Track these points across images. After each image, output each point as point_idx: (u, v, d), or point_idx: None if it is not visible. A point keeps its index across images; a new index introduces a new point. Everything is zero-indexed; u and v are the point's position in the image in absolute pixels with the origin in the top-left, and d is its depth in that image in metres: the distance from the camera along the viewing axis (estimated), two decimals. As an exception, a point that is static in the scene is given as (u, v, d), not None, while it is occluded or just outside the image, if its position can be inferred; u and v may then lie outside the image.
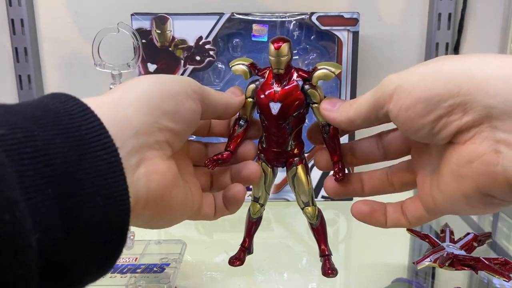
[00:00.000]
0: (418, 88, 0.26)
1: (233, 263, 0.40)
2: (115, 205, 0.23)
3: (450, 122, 0.26)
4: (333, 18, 0.65)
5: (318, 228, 0.39)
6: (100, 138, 0.23)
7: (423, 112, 0.26)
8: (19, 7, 0.74)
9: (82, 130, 0.23)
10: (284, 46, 0.33)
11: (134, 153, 0.25)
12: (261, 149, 0.37)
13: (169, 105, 0.28)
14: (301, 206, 0.38)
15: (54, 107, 0.23)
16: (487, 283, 0.47)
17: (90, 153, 0.22)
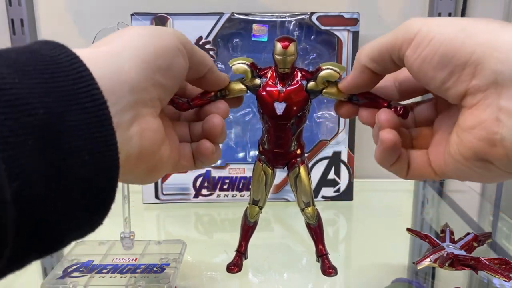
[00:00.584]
0: (437, 39, 0.26)
1: (231, 270, 0.40)
2: (102, 160, 0.22)
3: (460, 82, 0.26)
4: (333, 18, 0.65)
5: (316, 228, 0.39)
6: (88, 89, 0.22)
7: (437, 65, 0.26)
8: (19, 7, 0.74)
9: (69, 80, 0.21)
10: (292, 45, 0.33)
11: (128, 109, 0.25)
12: (262, 151, 0.37)
13: (163, 61, 0.27)
14: (302, 206, 0.38)
15: (41, 54, 0.22)
16: (487, 283, 0.47)
17: (77, 104, 0.21)
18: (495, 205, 0.76)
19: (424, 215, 0.70)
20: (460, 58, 0.25)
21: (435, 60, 0.26)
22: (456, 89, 0.26)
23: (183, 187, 0.67)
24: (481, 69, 0.25)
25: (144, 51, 0.27)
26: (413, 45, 0.27)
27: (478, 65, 0.25)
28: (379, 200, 0.75)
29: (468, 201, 0.74)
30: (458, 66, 0.25)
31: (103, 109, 0.22)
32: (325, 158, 0.68)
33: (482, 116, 0.25)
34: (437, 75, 0.27)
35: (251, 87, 0.35)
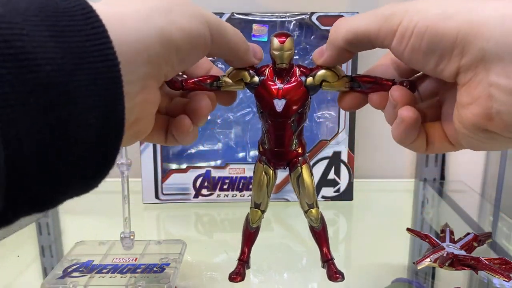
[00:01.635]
0: (421, 26, 0.26)
1: (234, 279, 0.39)
2: (108, 125, 0.21)
3: (451, 63, 0.26)
4: (333, 18, 0.65)
5: (320, 232, 0.38)
6: (101, 47, 0.20)
7: (426, 51, 0.26)
8: None
9: (82, 35, 0.20)
10: (288, 40, 0.32)
11: (140, 79, 0.24)
12: (262, 151, 0.37)
13: (186, 46, 0.26)
14: (305, 208, 0.37)
15: (54, 5, 0.20)
16: (487, 283, 0.47)
17: (88, 63, 0.20)
18: (495, 205, 0.76)
19: (424, 215, 0.70)
20: (447, 41, 0.25)
21: (423, 47, 0.26)
22: (448, 70, 0.26)
23: (183, 187, 0.67)
24: (468, 48, 0.25)
25: (172, 29, 0.25)
26: (398, 36, 0.27)
27: (465, 45, 0.25)
28: (379, 200, 0.75)
29: (468, 201, 0.74)
30: (446, 48, 0.25)
31: (116, 71, 0.21)
32: (325, 158, 0.68)
33: (475, 93, 0.26)
34: (428, 61, 0.27)
35: (250, 84, 0.34)
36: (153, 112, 0.28)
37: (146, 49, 0.24)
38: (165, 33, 0.25)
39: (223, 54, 0.32)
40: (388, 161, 0.79)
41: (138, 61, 0.23)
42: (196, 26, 0.27)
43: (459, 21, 0.25)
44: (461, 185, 0.78)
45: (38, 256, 0.55)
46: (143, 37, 0.23)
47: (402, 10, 0.27)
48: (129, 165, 0.62)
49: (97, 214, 0.66)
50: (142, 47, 0.23)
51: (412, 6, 0.27)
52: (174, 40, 0.25)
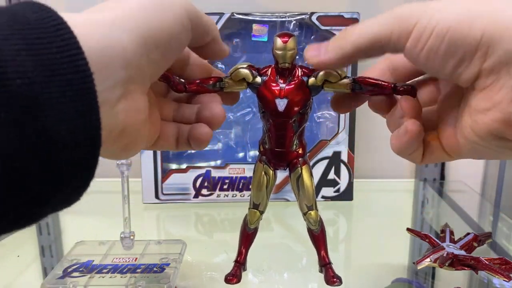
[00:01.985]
0: (442, 27, 0.24)
1: (230, 280, 0.38)
2: (84, 138, 0.20)
3: (472, 66, 0.25)
4: (333, 18, 0.65)
5: (319, 235, 0.38)
6: (73, 59, 0.20)
7: (445, 53, 0.25)
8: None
9: (53, 47, 0.19)
10: (291, 40, 0.33)
11: (118, 85, 0.23)
12: (263, 150, 0.37)
13: (164, 38, 0.26)
14: (304, 210, 0.37)
15: (24, 17, 0.20)
16: (487, 283, 0.47)
17: (59, 75, 0.19)
18: (495, 205, 0.76)
19: (424, 215, 0.70)
20: (471, 43, 0.24)
21: (443, 49, 0.25)
22: (467, 74, 0.25)
23: (183, 187, 0.67)
24: (493, 50, 0.24)
25: (144, 25, 0.24)
26: (414, 37, 0.25)
27: (490, 47, 0.24)
28: (379, 200, 0.75)
29: (468, 201, 0.74)
30: (469, 51, 0.24)
31: (88, 82, 0.20)
32: (325, 158, 0.68)
33: (497, 98, 0.24)
34: (446, 64, 0.25)
35: (252, 84, 0.34)
36: (141, 120, 0.27)
37: (121, 52, 0.23)
38: (140, 32, 0.24)
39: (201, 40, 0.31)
40: (388, 161, 0.79)
41: (114, 67, 0.23)
42: (173, 16, 0.26)
43: (484, 22, 0.24)
44: (461, 185, 0.78)
45: (38, 256, 0.55)
46: (115, 41, 0.23)
47: (420, 10, 0.25)
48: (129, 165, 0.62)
49: (97, 214, 0.66)
50: (115, 52, 0.23)
51: (430, 6, 0.25)
52: (151, 36, 0.25)
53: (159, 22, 0.25)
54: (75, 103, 0.20)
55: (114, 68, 0.23)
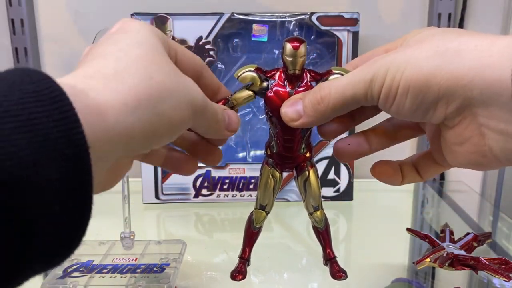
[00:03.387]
0: (403, 86, 0.26)
1: (235, 277, 0.39)
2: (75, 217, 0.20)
3: (437, 113, 0.27)
4: (333, 18, 0.65)
5: (323, 232, 0.38)
6: (68, 133, 0.19)
7: (411, 108, 0.27)
8: (19, 7, 0.74)
9: (49, 121, 0.18)
10: (302, 46, 0.32)
11: (109, 162, 0.23)
12: (270, 154, 0.37)
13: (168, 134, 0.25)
14: (310, 210, 0.37)
15: (21, 88, 0.19)
16: (487, 283, 0.47)
17: (53, 150, 0.18)
18: (495, 205, 0.76)
19: (424, 215, 0.70)
20: (430, 97, 0.26)
21: (408, 104, 0.27)
22: (435, 118, 0.28)
23: (183, 187, 0.68)
24: (452, 99, 0.26)
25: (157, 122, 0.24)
26: (383, 96, 0.28)
27: (449, 97, 0.26)
28: (379, 200, 0.75)
29: (468, 201, 0.74)
30: (431, 103, 0.26)
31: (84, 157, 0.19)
32: (325, 158, 0.68)
33: (467, 133, 0.27)
34: (414, 114, 0.28)
35: (259, 91, 0.34)
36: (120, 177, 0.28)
37: (127, 140, 0.22)
38: (152, 127, 0.23)
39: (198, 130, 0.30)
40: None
41: (116, 152, 0.22)
42: (182, 114, 0.25)
43: (438, 77, 0.25)
44: (461, 185, 0.78)
45: (38, 256, 0.55)
46: (124, 129, 0.22)
47: (383, 70, 0.27)
48: (129, 165, 0.62)
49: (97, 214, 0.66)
50: (122, 140, 0.22)
51: (391, 62, 0.27)
52: (158, 132, 0.24)
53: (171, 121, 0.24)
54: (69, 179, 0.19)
55: (114, 152, 0.22)
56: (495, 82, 0.24)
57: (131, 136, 0.22)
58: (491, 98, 0.24)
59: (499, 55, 0.24)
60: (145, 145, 0.24)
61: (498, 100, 0.24)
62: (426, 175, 0.35)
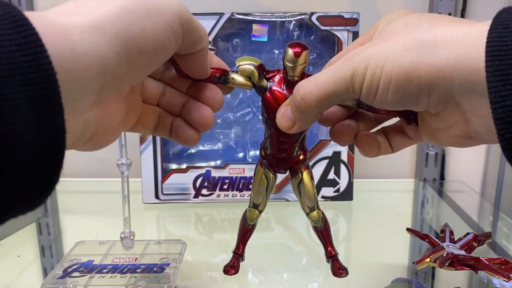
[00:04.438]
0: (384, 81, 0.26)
1: (228, 271, 0.39)
2: (48, 142, 0.19)
3: (420, 103, 0.27)
4: (333, 18, 0.65)
5: (323, 231, 0.39)
6: (34, 58, 0.18)
7: (393, 100, 0.27)
8: (19, 7, 0.74)
9: (12, 45, 0.18)
10: (304, 53, 0.32)
11: (92, 94, 0.22)
12: (264, 155, 0.37)
13: (149, 46, 0.24)
14: (307, 211, 0.38)
15: None
16: (487, 283, 0.47)
17: (19, 74, 0.18)
18: (495, 205, 0.76)
19: (424, 215, 0.70)
20: (411, 90, 0.26)
21: (390, 98, 0.27)
22: (418, 107, 0.28)
23: (183, 187, 0.68)
24: (433, 90, 0.26)
25: (126, 32, 0.23)
26: (364, 90, 0.28)
27: (430, 88, 0.26)
28: (379, 200, 0.75)
29: (468, 201, 0.74)
30: (412, 95, 0.27)
31: (51, 81, 0.19)
32: (325, 158, 0.68)
33: (451, 120, 0.27)
34: (397, 106, 0.28)
35: (258, 87, 0.34)
36: (113, 125, 0.26)
37: (97, 61, 0.21)
38: (121, 39, 0.22)
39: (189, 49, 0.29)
40: (388, 161, 0.79)
41: (89, 75, 0.21)
42: (161, 22, 0.24)
43: (418, 70, 0.25)
44: (461, 185, 0.78)
45: (38, 256, 0.55)
46: (91, 49, 0.21)
47: (363, 65, 0.27)
48: (129, 165, 0.62)
49: (97, 214, 0.66)
50: (91, 60, 0.21)
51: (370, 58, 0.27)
52: (133, 44, 0.23)
53: (143, 28, 0.23)
54: (38, 104, 0.18)
55: (88, 77, 0.21)
56: (473, 73, 0.24)
57: (102, 56, 0.21)
58: (470, 88, 0.25)
59: (474, 45, 0.24)
60: (122, 64, 0.23)
61: (476, 89, 0.24)
62: (396, 148, 0.35)
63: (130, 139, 0.62)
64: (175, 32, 0.25)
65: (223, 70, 0.33)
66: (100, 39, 0.22)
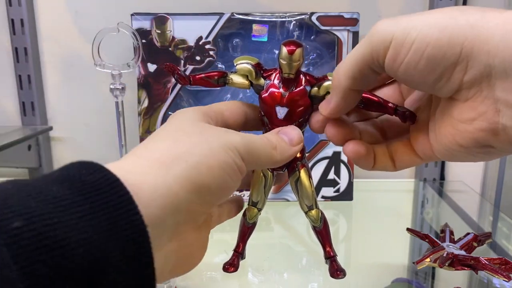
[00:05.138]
0: (420, 43, 0.24)
1: (227, 269, 0.39)
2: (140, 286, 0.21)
3: (452, 80, 0.25)
4: (333, 18, 0.65)
5: (322, 231, 0.39)
6: (128, 215, 0.20)
7: (424, 69, 0.25)
8: (19, 7, 0.74)
9: (109, 207, 0.20)
10: (298, 51, 0.32)
11: (169, 230, 0.24)
12: None
13: (216, 182, 0.26)
14: (305, 210, 0.38)
15: (81, 181, 0.21)
16: (487, 283, 0.47)
17: (116, 233, 0.20)
18: (495, 205, 0.76)
19: (424, 215, 0.70)
20: (450, 58, 0.24)
21: (422, 64, 0.25)
22: (448, 87, 0.25)
23: (183, 187, 0.67)
24: (473, 64, 0.24)
25: (197, 171, 0.24)
26: (391, 54, 0.25)
27: (469, 61, 0.24)
28: (379, 200, 0.75)
29: (468, 201, 0.74)
30: (449, 66, 0.24)
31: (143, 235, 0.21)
32: (325, 158, 0.68)
33: (481, 108, 0.25)
34: (426, 78, 0.25)
35: (256, 85, 0.34)
36: (194, 251, 0.28)
37: (172, 201, 0.23)
38: (191, 178, 0.24)
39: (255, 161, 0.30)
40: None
41: (165, 215, 0.23)
42: (225, 158, 0.26)
43: (462, 37, 0.24)
44: (461, 185, 0.78)
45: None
46: (166, 191, 0.23)
47: (394, 27, 0.25)
48: (129, 165, 0.62)
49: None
50: (166, 201, 0.23)
51: (405, 23, 0.25)
52: (201, 182, 0.25)
53: (209, 166, 0.25)
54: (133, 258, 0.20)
55: (164, 215, 0.23)
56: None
57: (175, 196, 0.23)
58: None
59: None
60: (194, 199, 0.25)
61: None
62: (400, 165, 0.32)
63: (130, 139, 0.62)
64: (239, 166, 0.27)
65: (222, 72, 0.34)
66: (172, 181, 0.23)
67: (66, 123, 0.81)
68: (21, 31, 0.75)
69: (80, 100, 0.79)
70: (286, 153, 0.31)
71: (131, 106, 0.71)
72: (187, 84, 0.33)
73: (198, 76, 0.33)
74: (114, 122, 0.58)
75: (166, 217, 0.23)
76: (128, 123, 0.61)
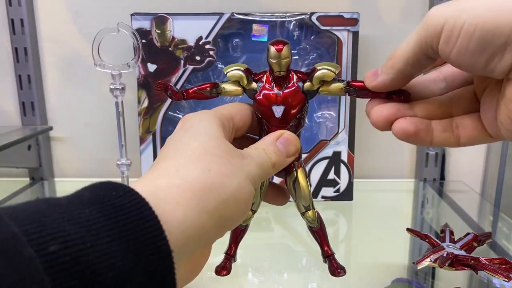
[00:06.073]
0: (469, 26, 0.25)
1: (219, 272, 0.39)
2: None
3: (504, 60, 0.25)
4: (333, 18, 0.65)
5: (318, 231, 0.39)
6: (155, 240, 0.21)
7: (475, 51, 0.25)
8: (19, 7, 0.74)
9: (138, 231, 0.21)
10: (285, 48, 0.33)
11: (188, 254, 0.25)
12: None
13: (240, 214, 0.27)
14: (302, 211, 0.38)
15: (110, 205, 0.21)
16: (487, 283, 0.47)
17: (144, 257, 0.20)
18: (495, 205, 0.76)
19: (424, 215, 0.70)
20: (499, 39, 0.24)
21: (472, 47, 0.25)
22: (500, 67, 0.25)
23: (183, 187, 0.67)
24: None
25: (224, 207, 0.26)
26: (443, 38, 0.26)
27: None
28: (379, 200, 0.75)
29: (468, 201, 0.74)
30: (499, 46, 0.24)
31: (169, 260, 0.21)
32: (325, 158, 0.68)
33: None
34: (478, 60, 0.26)
35: (248, 90, 0.35)
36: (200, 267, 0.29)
37: (197, 232, 0.24)
38: (219, 212, 0.25)
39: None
40: (388, 161, 0.79)
41: (188, 242, 0.24)
42: (249, 193, 0.27)
43: (509, 17, 0.23)
44: (461, 185, 0.78)
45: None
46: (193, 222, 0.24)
47: (446, 11, 0.26)
48: (129, 165, 0.62)
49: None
50: (192, 232, 0.24)
51: (456, 6, 0.26)
52: (228, 215, 0.26)
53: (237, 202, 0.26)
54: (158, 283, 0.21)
55: (188, 243, 0.24)
56: None
57: (201, 227, 0.24)
58: None
59: None
60: (216, 231, 0.26)
61: None
62: (465, 141, 0.31)
63: (130, 139, 0.62)
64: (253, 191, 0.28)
65: (213, 83, 0.35)
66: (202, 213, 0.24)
67: (66, 123, 0.81)
68: (21, 31, 0.75)
69: (80, 100, 0.79)
70: (282, 166, 0.33)
71: (131, 106, 0.71)
72: (181, 99, 0.34)
73: (191, 90, 0.34)
74: (114, 122, 0.58)
75: (189, 244, 0.24)
76: (128, 123, 0.61)
